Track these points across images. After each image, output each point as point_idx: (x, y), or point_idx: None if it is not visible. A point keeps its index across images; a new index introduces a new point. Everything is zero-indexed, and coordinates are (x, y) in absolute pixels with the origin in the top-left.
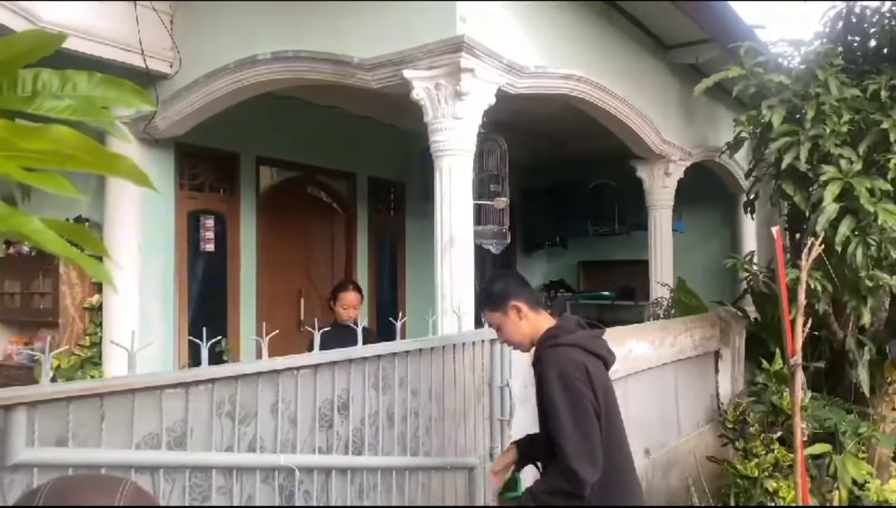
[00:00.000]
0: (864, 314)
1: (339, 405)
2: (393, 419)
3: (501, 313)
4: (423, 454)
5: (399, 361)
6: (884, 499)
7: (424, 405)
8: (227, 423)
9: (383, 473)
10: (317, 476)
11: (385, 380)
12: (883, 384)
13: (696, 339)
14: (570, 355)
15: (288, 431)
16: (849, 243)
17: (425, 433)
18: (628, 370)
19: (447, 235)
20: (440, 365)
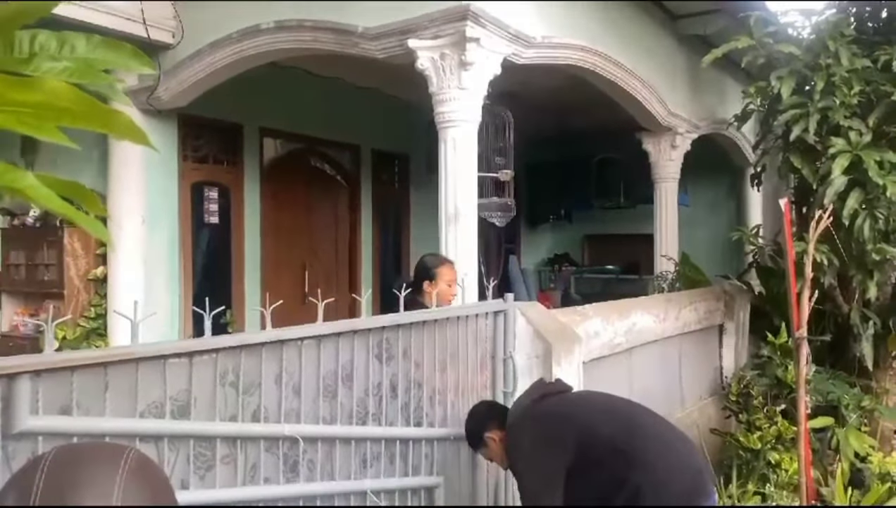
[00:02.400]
0: (870, 288)
1: (343, 376)
2: (396, 390)
3: (485, 447)
4: (427, 424)
5: (402, 332)
6: (886, 472)
7: (428, 376)
8: (230, 393)
9: (387, 443)
10: (321, 446)
11: (389, 351)
12: (887, 357)
13: (700, 313)
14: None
15: (292, 401)
16: (856, 216)
17: (429, 403)
18: (632, 343)
19: (451, 207)
20: (444, 337)
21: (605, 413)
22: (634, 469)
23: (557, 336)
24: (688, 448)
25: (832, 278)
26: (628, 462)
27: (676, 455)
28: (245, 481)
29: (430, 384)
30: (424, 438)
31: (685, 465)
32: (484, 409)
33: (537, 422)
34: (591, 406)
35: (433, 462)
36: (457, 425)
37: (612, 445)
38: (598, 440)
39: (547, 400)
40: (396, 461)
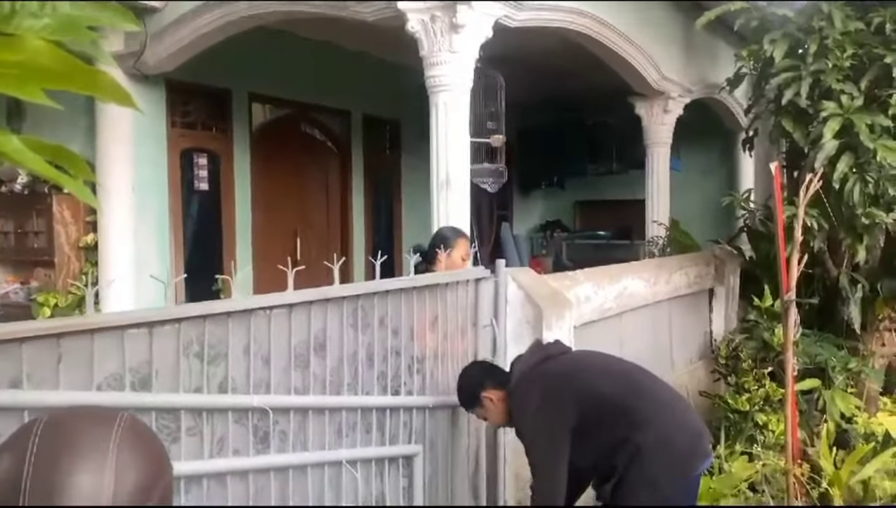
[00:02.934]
0: (859, 252)
1: (316, 346)
2: (373, 359)
3: (480, 407)
4: (405, 393)
5: (379, 300)
6: (871, 432)
7: (406, 344)
8: (195, 364)
9: (363, 412)
10: (293, 417)
11: (364, 320)
12: (874, 320)
13: (690, 277)
14: (530, 387)
15: (261, 371)
16: (847, 180)
17: (407, 372)
18: (623, 308)
19: (443, 173)
20: (423, 305)
21: (607, 375)
22: (636, 428)
23: (548, 301)
24: (686, 409)
25: (822, 242)
26: (630, 423)
27: (676, 416)
28: (213, 453)
29: (408, 352)
30: (403, 407)
31: (684, 426)
32: (478, 369)
33: (542, 384)
34: (593, 368)
35: (412, 430)
36: (436, 393)
37: (614, 405)
38: (601, 400)
39: (550, 362)
40: (373, 430)
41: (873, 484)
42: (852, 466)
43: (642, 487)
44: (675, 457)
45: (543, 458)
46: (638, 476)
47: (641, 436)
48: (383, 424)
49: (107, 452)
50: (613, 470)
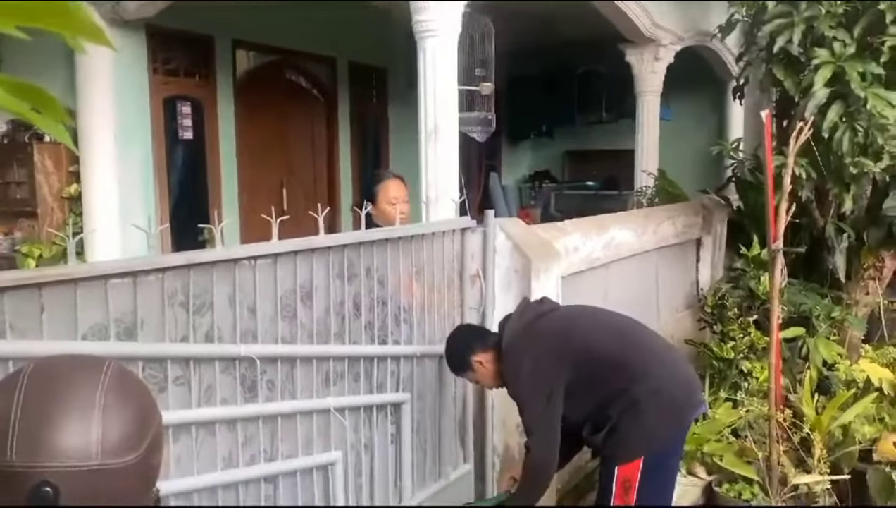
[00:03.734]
0: (846, 201)
1: (303, 295)
2: (360, 309)
3: (471, 372)
4: (392, 342)
5: (364, 250)
6: (851, 378)
7: (393, 294)
8: (180, 313)
9: (351, 361)
10: (281, 366)
11: (351, 270)
12: (859, 269)
13: (678, 227)
14: (519, 346)
15: (248, 321)
16: (836, 129)
17: (394, 322)
18: (611, 258)
19: (431, 122)
20: (408, 255)
21: (600, 330)
22: (631, 381)
23: (537, 251)
24: (680, 360)
25: (809, 191)
26: (625, 376)
27: (670, 368)
28: (200, 402)
29: (394, 302)
30: (390, 356)
31: (679, 377)
32: (466, 333)
33: (534, 343)
34: (585, 324)
35: (399, 379)
36: (423, 342)
37: (609, 360)
38: (595, 356)
39: (541, 321)
40: (361, 379)
41: (853, 429)
42: (833, 411)
43: (636, 437)
44: (669, 408)
45: (539, 419)
46: (632, 425)
47: (637, 388)
48: (371, 373)
49: (94, 400)
50: (607, 420)
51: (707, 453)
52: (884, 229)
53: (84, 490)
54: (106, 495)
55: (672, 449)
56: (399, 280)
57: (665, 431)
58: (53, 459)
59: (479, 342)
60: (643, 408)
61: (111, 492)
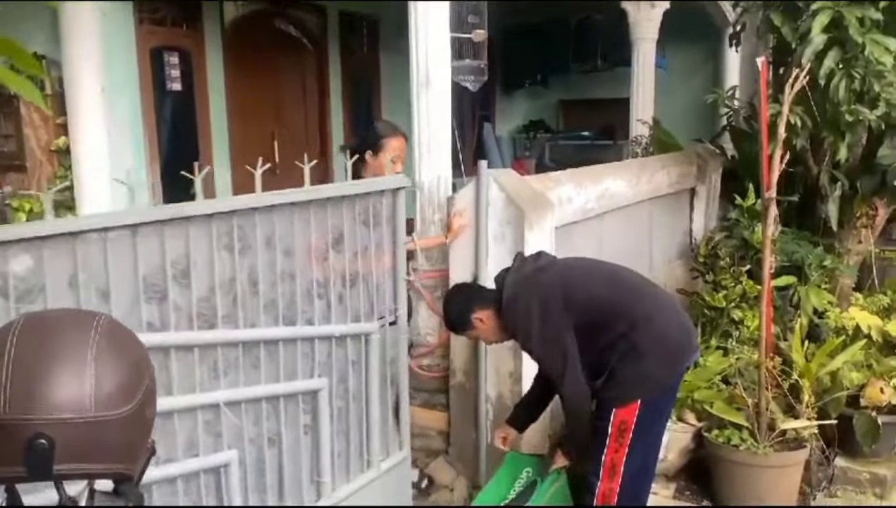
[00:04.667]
0: (841, 150)
1: (176, 273)
2: (258, 286)
3: (471, 330)
4: (304, 322)
5: (262, 217)
6: (841, 325)
7: (303, 267)
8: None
9: (247, 347)
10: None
11: (243, 240)
12: (851, 218)
13: (672, 177)
14: (519, 293)
15: (99, 306)
16: (833, 76)
17: (306, 298)
18: (604, 208)
19: (423, 71)
20: (324, 220)
21: (600, 279)
22: (630, 328)
23: (530, 202)
24: (676, 306)
25: (804, 140)
26: (624, 323)
27: (668, 313)
28: None
29: (305, 275)
30: (300, 337)
31: (676, 321)
32: (464, 292)
33: (538, 293)
34: (585, 274)
35: (314, 363)
36: (344, 320)
37: (609, 309)
38: (597, 303)
39: (541, 274)
40: (262, 366)
41: (841, 375)
42: (822, 359)
43: (635, 380)
44: (667, 353)
45: (560, 363)
46: (631, 370)
47: (637, 333)
48: (276, 358)
49: (86, 353)
50: (607, 365)
51: (697, 400)
52: (877, 177)
53: (79, 441)
54: (101, 446)
55: (668, 393)
56: (311, 250)
57: (663, 374)
58: (48, 412)
59: (477, 299)
60: (642, 352)
61: (106, 443)
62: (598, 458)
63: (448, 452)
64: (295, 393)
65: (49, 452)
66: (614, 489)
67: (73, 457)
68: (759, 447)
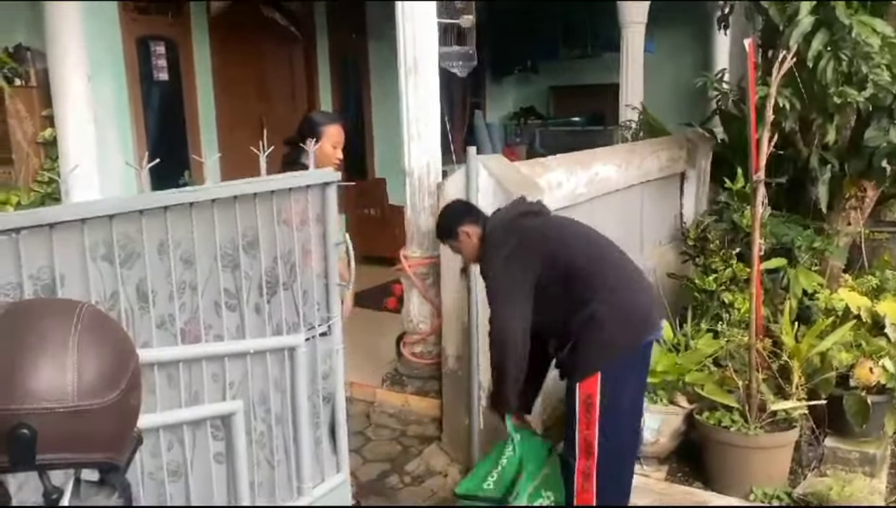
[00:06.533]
0: (830, 132)
1: (38, 288)
2: (148, 300)
3: (454, 240)
4: (212, 338)
5: (151, 222)
6: (831, 307)
7: (209, 275)
8: None
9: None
10: None
11: (127, 248)
12: (841, 200)
13: (662, 161)
14: (494, 238)
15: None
16: (821, 58)
17: (213, 311)
18: (594, 193)
19: (410, 57)
20: (231, 221)
21: (578, 240)
22: (595, 293)
23: (519, 188)
24: (645, 284)
25: (793, 122)
26: (590, 288)
27: (633, 289)
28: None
29: (213, 286)
30: (205, 356)
31: (640, 297)
32: (461, 206)
33: (517, 235)
34: (567, 231)
35: (225, 384)
36: (261, 333)
37: (579, 270)
38: (568, 262)
39: (528, 218)
40: (158, 391)
41: (830, 356)
42: (812, 339)
43: (593, 350)
44: (625, 322)
45: (503, 293)
46: (590, 340)
47: (597, 302)
48: (176, 381)
49: (68, 341)
50: (569, 335)
51: (688, 382)
52: (865, 158)
53: (62, 431)
54: (84, 435)
55: (631, 363)
56: (218, 256)
57: (621, 342)
58: (29, 401)
59: (469, 216)
60: (599, 322)
61: (90, 433)
62: (572, 437)
63: (441, 438)
64: (202, 419)
65: (31, 441)
66: (592, 466)
67: (57, 447)
68: (750, 428)
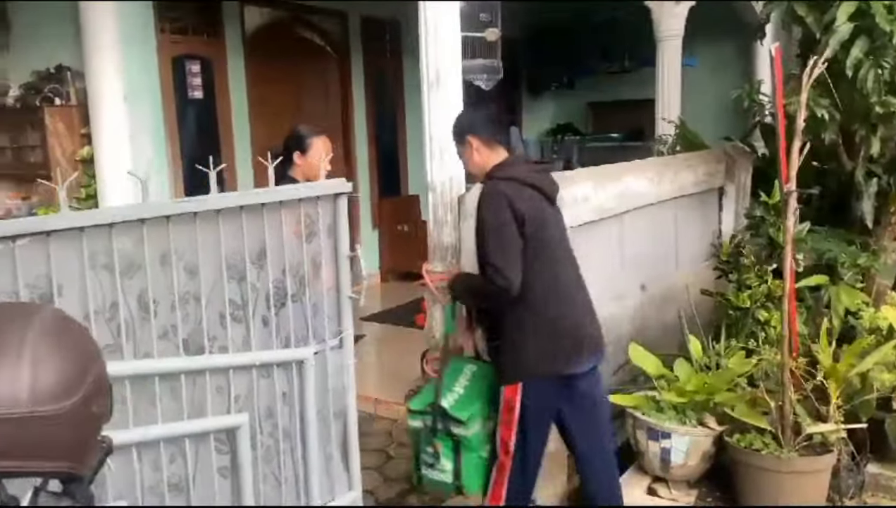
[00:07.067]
0: (874, 144)
1: (34, 297)
2: (149, 310)
3: (461, 145)
4: (217, 350)
5: (152, 230)
6: (875, 326)
7: (214, 286)
8: None
9: (135, 382)
10: None
11: (128, 258)
12: (888, 214)
13: (698, 175)
14: (500, 188)
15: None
16: (861, 66)
17: (218, 323)
18: (625, 207)
19: (433, 70)
20: (237, 233)
21: (557, 244)
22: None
23: None
24: (587, 309)
25: (833, 133)
26: (534, 295)
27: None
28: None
29: (218, 297)
30: (209, 368)
31: (574, 320)
32: (479, 113)
33: (507, 197)
34: (549, 229)
35: (230, 397)
36: (268, 346)
37: (541, 269)
38: (539, 253)
39: (527, 190)
40: (160, 402)
41: (871, 376)
42: (851, 359)
43: (514, 361)
44: (548, 343)
45: (496, 253)
46: (513, 348)
47: (530, 313)
48: (177, 393)
49: (23, 348)
50: (500, 332)
51: (719, 403)
52: None
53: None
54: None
55: (554, 390)
56: (223, 267)
57: (543, 363)
58: None
59: (483, 128)
60: (526, 335)
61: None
62: (495, 431)
63: None
64: (205, 432)
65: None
66: (507, 463)
67: (11, 454)
68: (783, 451)
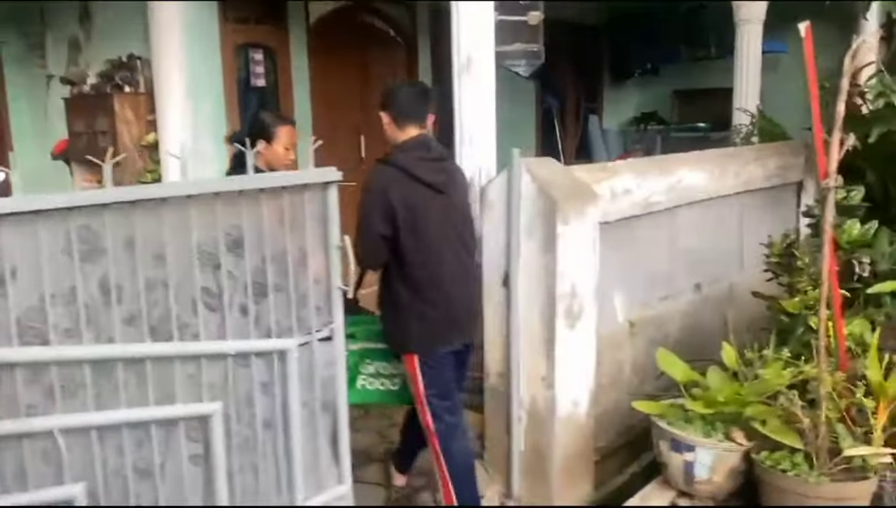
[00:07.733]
0: None
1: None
2: (110, 296)
3: (381, 111)
4: (189, 337)
5: (116, 215)
6: None
7: (185, 273)
8: None
9: (96, 367)
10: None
11: (90, 242)
12: None
13: (769, 168)
14: (383, 174)
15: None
16: None
17: (191, 309)
18: (676, 202)
19: (464, 53)
20: (212, 221)
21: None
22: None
23: (566, 193)
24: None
25: None
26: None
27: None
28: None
29: (189, 283)
30: (177, 355)
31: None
32: (413, 91)
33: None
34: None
35: (202, 384)
36: (244, 334)
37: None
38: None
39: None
40: (122, 389)
41: None
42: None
43: (400, 328)
44: (431, 324)
45: (358, 237)
46: (394, 322)
47: (407, 291)
48: (143, 379)
49: None
50: (384, 301)
51: (749, 416)
52: None
53: None
54: None
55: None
56: (194, 253)
57: (428, 340)
58: None
59: (402, 107)
60: (402, 309)
61: None
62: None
63: (483, 456)
64: (174, 419)
65: None
66: (436, 445)
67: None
68: (812, 474)
